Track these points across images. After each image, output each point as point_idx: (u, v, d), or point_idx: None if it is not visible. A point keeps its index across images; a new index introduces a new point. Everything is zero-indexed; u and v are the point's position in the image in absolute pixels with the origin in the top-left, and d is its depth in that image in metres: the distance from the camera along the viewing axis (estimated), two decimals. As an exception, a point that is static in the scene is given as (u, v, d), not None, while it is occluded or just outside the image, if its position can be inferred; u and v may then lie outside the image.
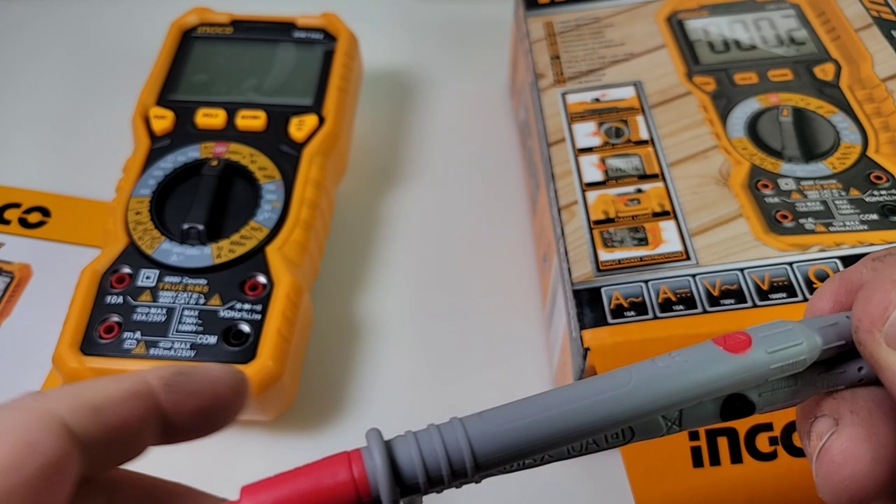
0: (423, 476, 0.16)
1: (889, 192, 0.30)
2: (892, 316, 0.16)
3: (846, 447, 0.17)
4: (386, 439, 0.16)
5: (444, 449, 0.16)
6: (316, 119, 0.38)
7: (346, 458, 0.16)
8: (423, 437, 0.16)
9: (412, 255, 0.39)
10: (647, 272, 0.28)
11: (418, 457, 0.16)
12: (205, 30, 0.42)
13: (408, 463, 0.16)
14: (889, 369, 0.16)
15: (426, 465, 0.16)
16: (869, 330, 0.17)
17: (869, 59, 0.34)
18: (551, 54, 0.37)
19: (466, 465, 0.16)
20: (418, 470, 0.16)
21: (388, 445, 0.16)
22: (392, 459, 0.16)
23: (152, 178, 0.36)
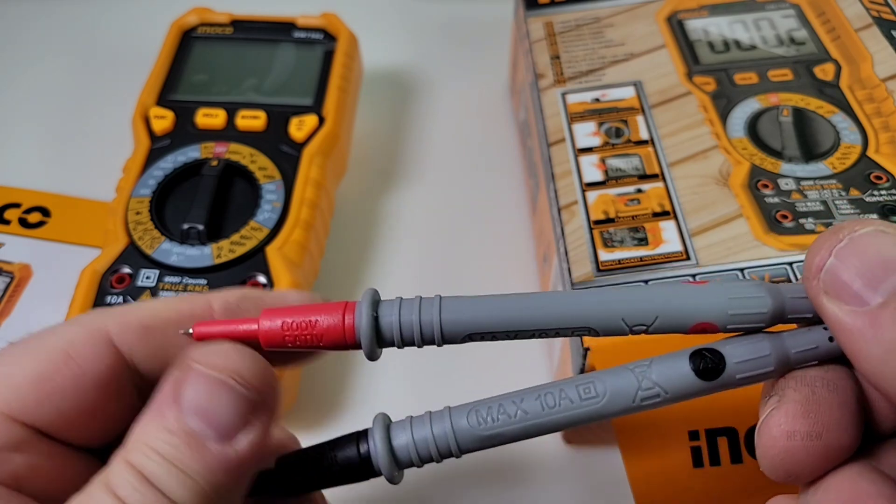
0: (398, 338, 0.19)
1: (889, 192, 0.30)
2: (828, 263, 0.17)
3: (782, 422, 0.17)
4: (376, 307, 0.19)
5: (419, 322, 0.19)
6: (316, 119, 0.38)
7: (342, 308, 0.19)
8: (405, 305, 0.19)
9: (412, 254, 0.39)
10: (647, 272, 0.28)
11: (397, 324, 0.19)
12: (205, 30, 0.42)
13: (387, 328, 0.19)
14: (827, 314, 0.17)
15: (402, 331, 0.19)
16: (809, 278, 0.17)
17: (869, 59, 0.34)
18: (551, 54, 0.37)
19: (435, 336, 0.19)
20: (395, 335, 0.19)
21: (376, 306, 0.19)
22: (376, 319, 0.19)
23: (152, 178, 0.36)
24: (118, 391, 0.18)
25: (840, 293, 0.17)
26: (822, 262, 0.17)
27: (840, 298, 0.17)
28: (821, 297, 0.17)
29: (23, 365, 0.17)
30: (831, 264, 0.17)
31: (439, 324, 0.19)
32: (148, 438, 0.16)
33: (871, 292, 0.16)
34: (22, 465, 0.16)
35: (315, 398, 0.34)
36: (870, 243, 0.17)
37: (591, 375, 0.19)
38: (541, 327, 0.19)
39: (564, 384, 0.19)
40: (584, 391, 0.18)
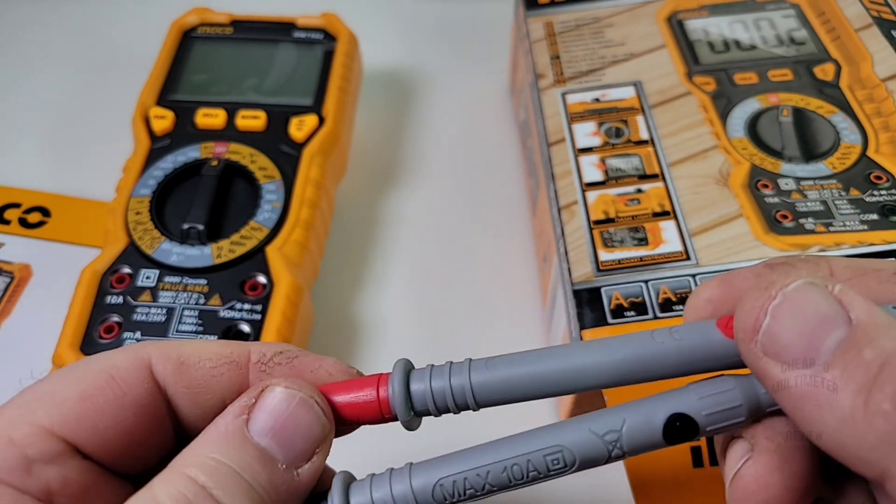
0: (432, 406, 0.19)
1: (889, 192, 0.30)
2: (765, 324, 0.16)
3: (760, 475, 0.17)
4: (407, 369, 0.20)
5: (450, 386, 0.19)
6: (316, 119, 0.38)
7: (375, 381, 0.19)
8: (435, 372, 0.19)
9: (412, 254, 0.39)
10: (647, 272, 0.28)
11: (429, 390, 0.19)
12: (205, 30, 0.42)
13: (419, 393, 0.19)
14: (770, 379, 0.16)
15: (434, 398, 0.19)
16: (746, 341, 0.16)
17: (869, 59, 0.34)
18: (551, 54, 0.37)
19: (468, 402, 0.19)
20: (428, 402, 0.19)
21: (407, 376, 0.19)
22: (408, 387, 0.19)
23: (152, 178, 0.36)
24: (155, 418, 0.18)
25: (781, 355, 0.16)
26: (759, 322, 0.16)
27: (782, 360, 0.16)
28: (761, 361, 0.16)
29: (68, 383, 0.17)
30: (768, 325, 0.16)
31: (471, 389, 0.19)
32: (209, 451, 0.17)
33: (815, 352, 0.15)
34: (55, 478, 0.16)
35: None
36: (804, 298, 0.16)
37: (559, 444, 0.18)
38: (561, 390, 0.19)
39: (532, 455, 0.18)
40: (552, 462, 0.18)
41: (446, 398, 0.19)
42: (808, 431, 0.15)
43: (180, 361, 0.19)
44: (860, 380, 0.14)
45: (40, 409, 0.17)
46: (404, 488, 0.18)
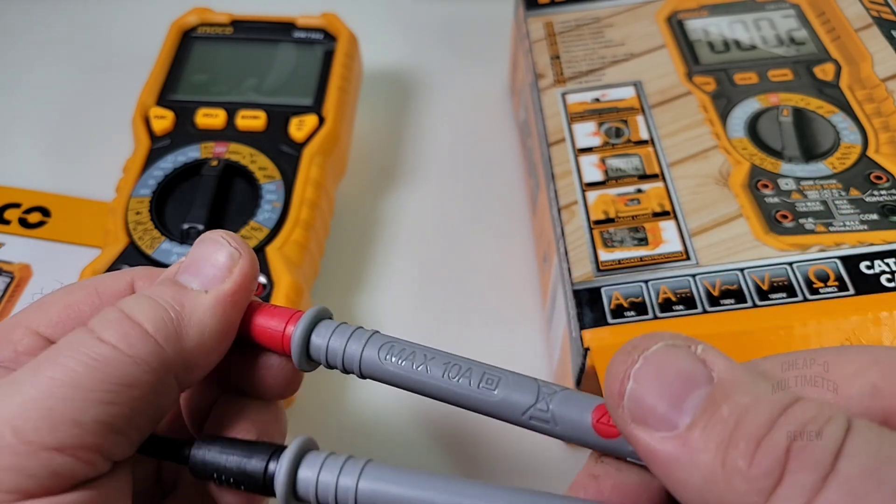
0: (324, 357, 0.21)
1: (889, 192, 0.30)
2: (628, 389, 0.16)
3: None
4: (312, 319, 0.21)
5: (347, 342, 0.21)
6: (316, 119, 0.38)
7: (289, 316, 0.21)
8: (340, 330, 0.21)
9: (412, 254, 0.39)
10: (647, 272, 0.28)
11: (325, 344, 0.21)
12: (205, 30, 0.42)
13: (316, 346, 0.21)
14: (638, 443, 0.16)
15: (328, 350, 0.21)
16: (612, 407, 0.16)
17: (869, 59, 0.34)
18: (551, 54, 0.37)
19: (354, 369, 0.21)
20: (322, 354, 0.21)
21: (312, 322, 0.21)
22: (308, 336, 0.21)
23: (152, 178, 0.36)
24: None
25: (647, 419, 0.15)
26: (623, 387, 0.16)
27: (648, 425, 0.15)
28: (629, 426, 0.16)
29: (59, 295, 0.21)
30: (631, 389, 0.16)
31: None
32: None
33: (678, 413, 0.15)
34: None
35: (314, 398, 0.34)
36: (665, 360, 0.16)
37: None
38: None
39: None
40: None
41: (338, 360, 0.21)
42: (679, 495, 0.15)
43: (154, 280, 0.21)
44: (718, 438, 0.14)
45: (32, 315, 0.20)
46: (349, 483, 0.18)
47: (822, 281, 0.27)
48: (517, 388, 0.19)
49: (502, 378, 0.19)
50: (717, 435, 0.15)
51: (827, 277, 0.27)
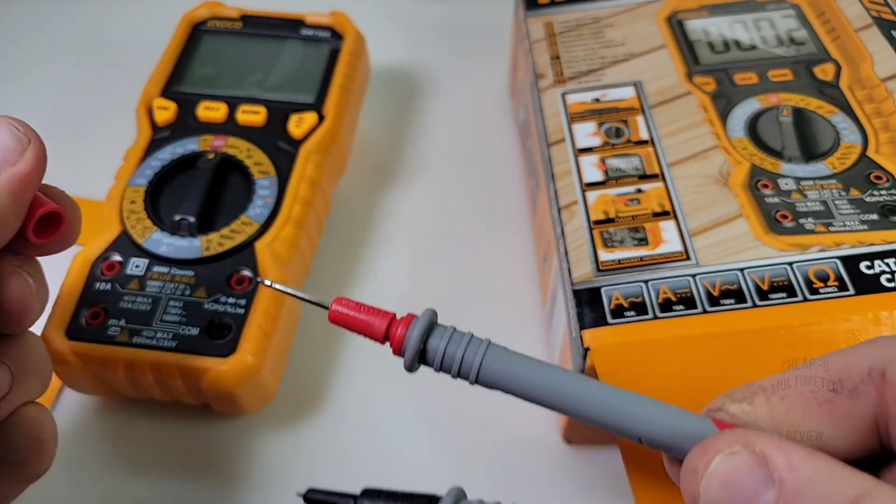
0: (437, 364, 0.22)
1: (889, 192, 0.30)
2: (702, 487, 0.17)
3: None
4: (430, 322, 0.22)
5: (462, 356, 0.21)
6: (315, 117, 0.38)
7: (399, 322, 0.22)
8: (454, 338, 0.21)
9: (411, 254, 0.39)
10: (647, 272, 0.28)
11: (442, 351, 0.21)
12: (214, 23, 0.42)
13: (433, 350, 0.21)
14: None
15: (444, 360, 0.21)
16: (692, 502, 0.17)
17: (869, 59, 0.34)
18: (551, 54, 0.37)
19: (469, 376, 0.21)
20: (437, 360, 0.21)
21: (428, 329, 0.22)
22: (426, 340, 0.21)
23: (149, 168, 0.36)
24: None
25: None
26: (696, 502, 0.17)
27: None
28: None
29: None
30: None
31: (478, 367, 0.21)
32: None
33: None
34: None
35: (296, 395, 0.34)
36: (726, 474, 0.17)
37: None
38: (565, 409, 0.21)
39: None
40: None
41: (453, 365, 0.21)
42: None
43: None
44: None
45: None
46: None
47: (822, 281, 0.27)
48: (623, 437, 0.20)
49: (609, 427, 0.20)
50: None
51: (827, 277, 0.27)
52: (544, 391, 0.21)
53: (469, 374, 0.21)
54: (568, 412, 0.20)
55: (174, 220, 0.34)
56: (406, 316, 0.22)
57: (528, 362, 0.21)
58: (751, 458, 0.16)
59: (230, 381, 0.30)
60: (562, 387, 0.20)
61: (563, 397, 0.20)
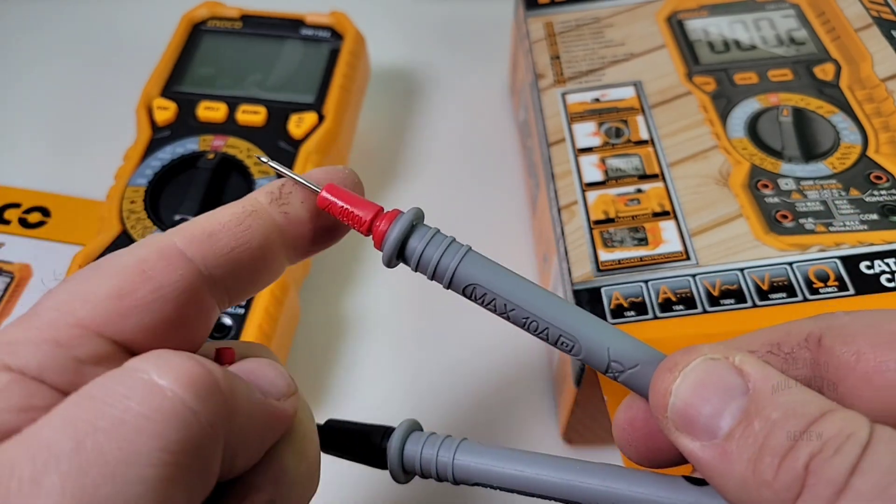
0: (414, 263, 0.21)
1: (889, 192, 0.30)
2: (671, 403, 0.17)
3: None
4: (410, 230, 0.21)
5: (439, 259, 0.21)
6: (315, 117, 0.38)
7: (384, 216, 0.21)
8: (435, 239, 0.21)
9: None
10: (647, 272, 0.28)
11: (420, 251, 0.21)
12: (214, 23, 0.42)
13: (411, 249, 0.21)
14: (683, 449, 0.17)
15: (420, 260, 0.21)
16: (659, 418, 0.18)
17: (869, 59, 0.34)
18: (551, 54, 0.37)
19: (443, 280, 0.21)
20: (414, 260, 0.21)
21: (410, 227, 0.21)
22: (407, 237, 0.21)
23: (149, 168, 0.36)
24: (197, 302, 0.18)
25: (689, 428, 0.17)
26: (665, 401, 0.17)
27: (690, 433, 0.17)
28: (673, 433, 0.17)
29: (101, 283, 0.17)
30: (673, 403, 0.17)
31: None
32: None
33: (717, 423, 0.16)
34: None
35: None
36: (703, 374, 0.17)
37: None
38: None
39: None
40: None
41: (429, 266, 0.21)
42: (721, 494, 0.17)
43: (207, 234, 0.19)
44: (749, 451, 0.16)
45: (81, 310, 0.16)
46: (447, 459, 0.20)
47: (822, 281, 0.27)
48: (590, 358, 0.20)
49: (576, 345, 0.20)
50: (749, 447, 0.16)
51: (827, 277, 0.27)
52: (515, 298, 0.20)
53: (443, 278, 0.21)
54: (539, 322, 0.20)
55: (174, 220, 0.34)
56: (392, 211, 0.21)
57: (505, 271, 0.21)
58: (728, 366, 0.17)
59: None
60: (534, 297, 0.20)
61: (535, 305, 0.20)
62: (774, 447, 0.15)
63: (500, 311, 0.20)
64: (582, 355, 0.20)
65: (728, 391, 0.17)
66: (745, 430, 0.16)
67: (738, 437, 0.16)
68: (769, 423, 0.16)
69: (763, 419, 0.16)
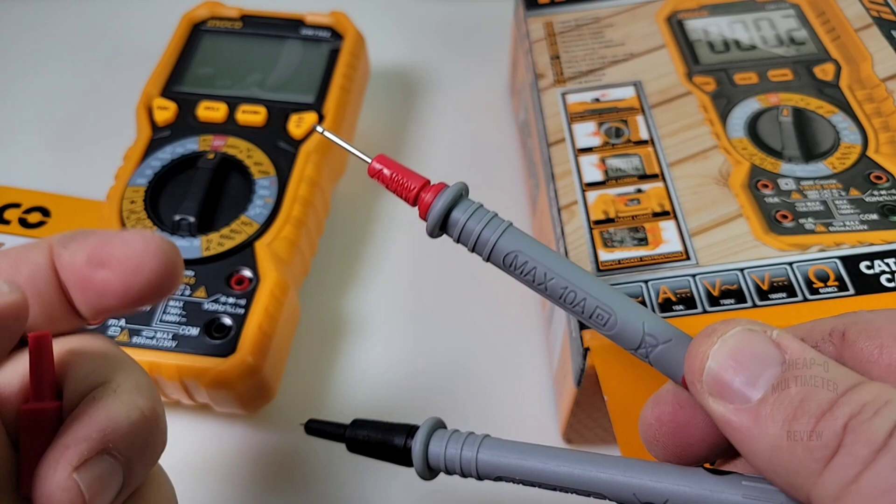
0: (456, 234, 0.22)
1: (889, 192, 0.30)
2: (707, 366, 0.18)
3: None
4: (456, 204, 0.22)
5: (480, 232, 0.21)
6: (315, 117, 0.38)
7: (431, 188, 0.22)
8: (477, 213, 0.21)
9: (410, 254, 0.39)
10: (647, 272, 0.28)
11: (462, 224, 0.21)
12: (214, 23, 0.42)
13: (454, 221, 0.22)
14: (715, 414, 0.17)
15: (462, 232, 0.21)
16: (692, 382, 0.18)
17: (869, 59, 0.34)
18: (551, 54, 0.37)
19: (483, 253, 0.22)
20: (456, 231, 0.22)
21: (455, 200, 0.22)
22: (450, 210, 0.22)
23: (149, 168, 0.36)
24: None
25: (723, 393, 0.17)
26: (702, 364, 0.18)
27: (723, 398, 0.17)
28: (706, 399, 0.18)
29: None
30: (709, 367, 0.18)
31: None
32: None
33: (751, 389, 0.17)
34: None
35: (297, 395, 0.34)
36: (741, 342, 0.17)
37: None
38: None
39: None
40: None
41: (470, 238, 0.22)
42: (750, 461, 0.17)
43: None
44: (785, 412, 0.16)
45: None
46: (470, 455, 0.21)
47: (822, 281, 0.27)
48: (624, 332, 0.20)
49: (612, 317, 0.20)
50: (785, 409, 0.16)
51: (827, 277, 0.27)
52: (556, 268, 0.21)
53: (483, 251, 0.21)
54: (578, 292, 0.20)
55: (174, 220, 0.34)
56: (437, 184, 0.22)
57: (545, 247, 0.21)
58: (766, 337, 0.17)
59: (230, 381, 0.30)
60: (573, 270, 0.21)
61: (574, 276, 0.20)
62: (812, 409, 0.16)
63: (539, 281, 0.21)
64: (616, 329, 0.20)
65: (765, 359, 0.17)
66: (782, 393, 0.16)
67: (774, 400, 0.16)
68: (807, 387, 0.16)
69: (801, 383, 0.16)
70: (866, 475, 0.15)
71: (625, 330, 0.20)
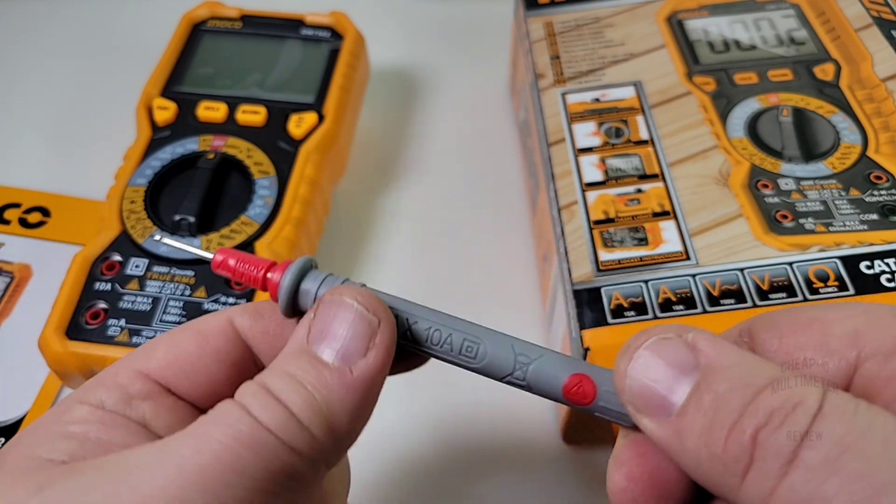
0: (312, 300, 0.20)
1: (889, 192, 0.30)
2: (626, 385, 0.17)
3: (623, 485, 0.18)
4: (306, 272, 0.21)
5: None
6: (315, 117, 0.38)
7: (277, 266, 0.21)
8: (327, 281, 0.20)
9: (410, 254, 0.39)
10: (647, 272, 0.28)
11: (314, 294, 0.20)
12: (214, 23, 0.42)
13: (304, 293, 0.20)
14: (645, 430, 0.17)
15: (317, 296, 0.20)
16: (621, 398, 0.18)
17: (869, 59, 0.34)
18: (551, 54, 0.37)
19: None
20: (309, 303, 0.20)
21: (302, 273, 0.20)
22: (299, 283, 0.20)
23: (149, 168, 0.36)
24: (237, 363, 0.21)
25: (646, 408, 0.17)
26: (622, 384, 0.17)
27: (648, 414, 0.17)
28: (635, 417, 0.17)
29: (161, 340, 0.21)
30: (628, 385, 0.17)
31: None
32: (276, 363, 0.19)
33: (670, 402, 0.17)
34: (150, 411, 0.19)
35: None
36: (655, 352, 0.17)
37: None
38: None
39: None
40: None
41: None
42: (680, 466, 0.17)
43: (257, 312, 0.21)
44: (700, 425, 0.16)
45: (139, 360, 0.20)
46: None
47: (822, 281, 0.27)
48: (496, 358, 0.20)
49: (481, 346, 0.20)
50: (700, 422, 0.16)
51: (827, 277, 0.27)
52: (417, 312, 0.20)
53: None
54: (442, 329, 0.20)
55: (174, 220, 0.34)
56: (283, 262, 0.21)
57: (400, 298, 0.21)
58: (680, 343, 0.17)
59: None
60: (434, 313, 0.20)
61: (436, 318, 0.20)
62: (722, 420, 0.15)
63: (403, 328, 0.20)
64: (487, 358, 0.20)
65: (681, 367, 0.17)
66: (697, 404, 0.16)
67: (690, 412, 0.16)
68: (717, 397, 0.16)
69: (711, 392, 0.16)
70: (780, 490, 0.14)
71: (496, 356, 0.20)
